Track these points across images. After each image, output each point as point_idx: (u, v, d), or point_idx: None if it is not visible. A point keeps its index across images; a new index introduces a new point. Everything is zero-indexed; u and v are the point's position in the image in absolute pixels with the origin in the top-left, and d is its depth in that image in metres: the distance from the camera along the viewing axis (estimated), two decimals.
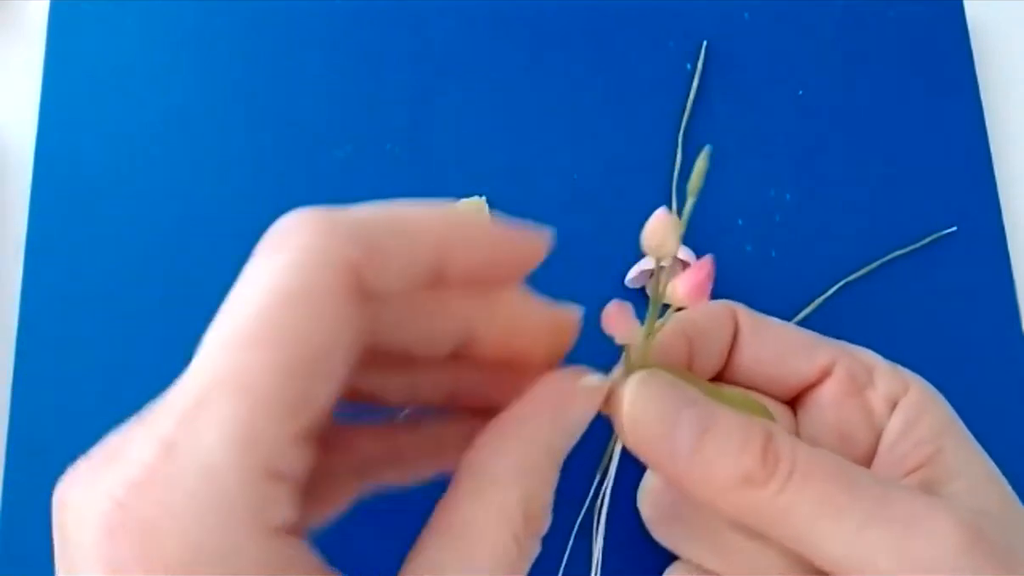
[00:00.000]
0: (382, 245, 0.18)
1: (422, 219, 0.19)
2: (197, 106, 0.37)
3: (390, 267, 0.18)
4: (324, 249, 0.17)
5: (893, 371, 0.25)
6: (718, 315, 0.25)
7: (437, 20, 0.39)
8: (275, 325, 0.16)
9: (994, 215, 0.37)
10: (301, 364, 0.16)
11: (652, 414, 0.21)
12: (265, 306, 0.16)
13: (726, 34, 0.39)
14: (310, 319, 0.16)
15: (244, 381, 0.16)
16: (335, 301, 0.16)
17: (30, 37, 0.39)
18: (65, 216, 0.35)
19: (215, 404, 0.16)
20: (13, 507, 0.32)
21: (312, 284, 0.16)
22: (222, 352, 0.17)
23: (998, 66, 0.40)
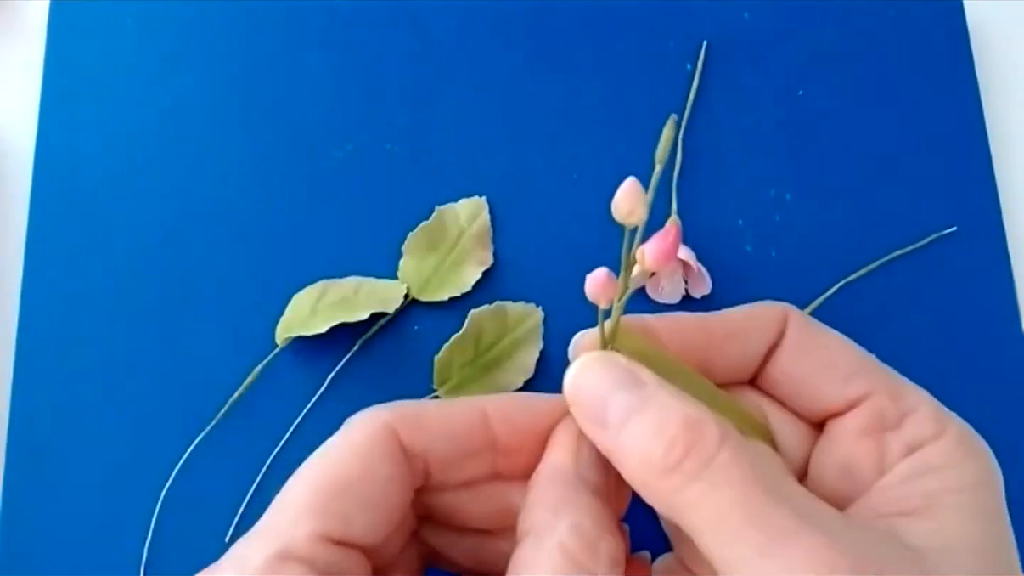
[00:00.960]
0: (420, 410, 0.22)
1: (466, 398, 0.24)
2: (197, 106, 0.37)
3: (430, 428, 0.22)
4: (364, 417, 0.22)
5: (933, 416, 0.23)
6: (762, 317, 0.24)
7: (437, 20, 0.39)
8: (313, 463, 0.22)
9: (994, 215, 0.37)
10: (329, 482, 0.21)
11: (585, 392, 0.22)
12: (312, 458, 0.22)
13: (726, 34, 0.39)
14: (342, 453, 0.21)
15: (282, 500, 0.21)
16: (363, 444, 0.21)
17: (30, 37, 0.39)
18: (65, 216, 0.35)
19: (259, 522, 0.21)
20: (13, 507, 0.32)
21: (347, 436, 0.22)
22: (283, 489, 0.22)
23: (998, 66, 0.40)
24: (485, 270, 0.35)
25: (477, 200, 0.36)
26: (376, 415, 0.22)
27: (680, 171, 0.36)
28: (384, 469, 0.21)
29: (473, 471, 0.23)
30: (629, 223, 0.22)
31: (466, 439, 0.22)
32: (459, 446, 0.22)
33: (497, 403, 0.23)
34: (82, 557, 0.31)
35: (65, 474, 0.32)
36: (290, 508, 0.20)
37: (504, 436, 0.23)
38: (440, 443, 0.22)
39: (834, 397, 0.23)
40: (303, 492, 0.21)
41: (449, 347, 0.33)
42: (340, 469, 0.21)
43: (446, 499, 0.23)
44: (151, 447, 0.32)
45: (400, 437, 0.22)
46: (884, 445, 0.23)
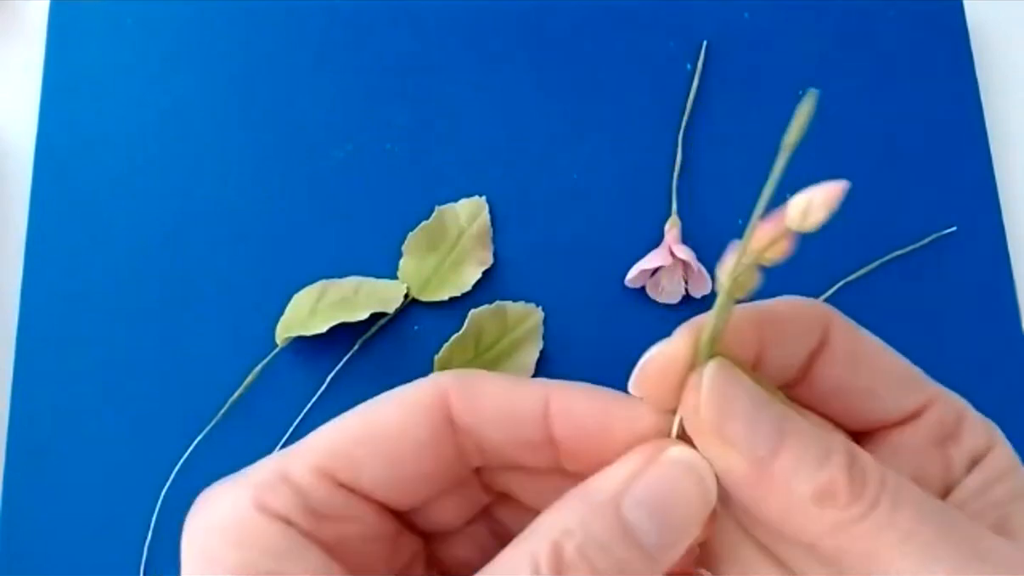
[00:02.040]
0: (478, 382, 0.21)
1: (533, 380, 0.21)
2: (197, 106, 0.37)
3: (482, 402, 0.20)
4: (425, 380, 0.21)
5: (982, 425, 0.22)
6: (804, 318, 0.22)
7: (437, 20, 0.39)
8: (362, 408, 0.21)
9: (994, 215, 0.37)
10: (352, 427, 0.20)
11: (730, 409, 0.19)
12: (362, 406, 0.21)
13: (726, 34, 0.39)
14: (380, 408, 0.20)
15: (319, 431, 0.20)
16: (408, 402, 0.20)
17: (30, 37, 0.39)
18: (65, 216, 0.35)
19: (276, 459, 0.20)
20: (13, 507, 0.32)
21: (398, 392, 0.21)
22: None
23: (998, 66, 0.40)
24: (485, 270, 0.35)
25: (477, 200, 0.36)
26: (437, 378, 0.21)
27: (680, 171, 0.36)
28: (420, 432, 0.20)
29: (532, 461, 0.21)
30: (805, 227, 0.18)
31: (522, 428, 0.20)
32: (514, 434, 0.20)
33: (564, 395, 0.20)
34: (82, 557, 0.31)
35: (65, 474, 0.32)
36: (313, 441, 0.20)
37: (564, 435, 0.20)
38: (492, 425, 0.20)
39: (895, 408, 0.22)
40: (332, 431, 0.20)
41: (449, 347, 0.33)
42: (374, 420, 0.20)
43: (514, 481, 0.22)
44: (151, 447, 0.32)
45: (451, 406, 0.20)
46: (949, 455, 0.22)
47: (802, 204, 0.18)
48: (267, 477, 0.19)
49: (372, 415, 0.20)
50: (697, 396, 0.19)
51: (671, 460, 0.19)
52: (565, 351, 0.34)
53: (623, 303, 0.35)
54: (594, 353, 0.34)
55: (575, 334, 0.34)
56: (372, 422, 0.20)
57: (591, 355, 0.34)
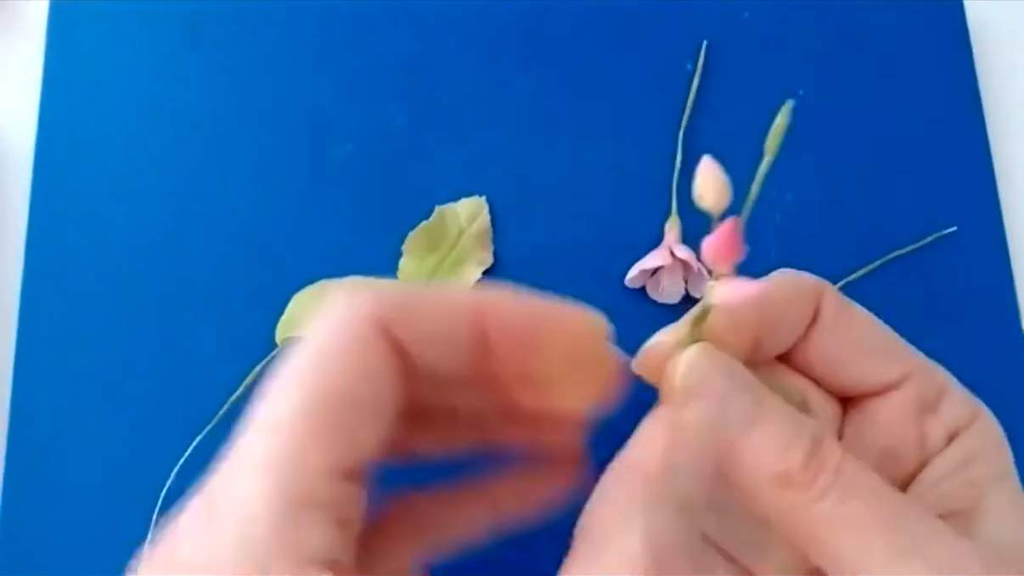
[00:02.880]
0: (411, 303, 0.19)
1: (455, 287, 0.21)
2: (197, 106, 0.37)
3: (421, 324, 0.19)
4: (349, 306, 0.18)
5: (964, 400, 0.23)
6: (800, 292, 0.23)
7: (437, 20, 0.39)
8: (304, 370, 0.17)
9: (994, 215, 0.37)
10: (328, 395, 0.17)
11: (706, 389, 0.20)
12: (297, 360, 0.18)
13: (726, 34, 0.39)
14: (334, 357, 0.17)
15: (275, 420, 0.17)
16: (360, 342, 0.18)
17: (30, 37, 0.39)
18: (65, 216, 0.35)
19: (249, 447, 0.17)
20: (13, 507, 0.32)
21: (340, 335, 0.18)
22: (259, 404, 0.18)
23: (998, 66, 0.40)
24: (485, 270, 0.35)
25: (477, 200, 0.36)
26: (360, 305, 0.18)
27: (680, 171, 0.36)
28: (384, 376, 0.18)
29: (462, 370, 0.20)
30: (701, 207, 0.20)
31: (460, 342, 0.19)
32: (452, 350, 0.19)
33: (497, 305, 0.20)
34: (82, 557, 0.31)
35: (65, 474, 0.32)
36: (289, 429, 0.17)
37: (500, 343, 0.19)
38: (433, 343, 0.19)
39: (874, 377, 0.23)
40: (300, 408, 0.17)
41: None
42: (337, 381, 0.17)
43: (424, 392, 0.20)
44: (151, 447, 0.32)
45: (392, 333, 0.18)
46: (925, 427, 0.23)
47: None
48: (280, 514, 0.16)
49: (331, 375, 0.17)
50: (673, 378, 0.20)
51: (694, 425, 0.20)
52: None
53: (623, 303, 0.35)
54: None
55: None
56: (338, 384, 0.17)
57: None
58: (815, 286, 0.24)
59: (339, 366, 0.17)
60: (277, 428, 0.17)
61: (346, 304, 0.18)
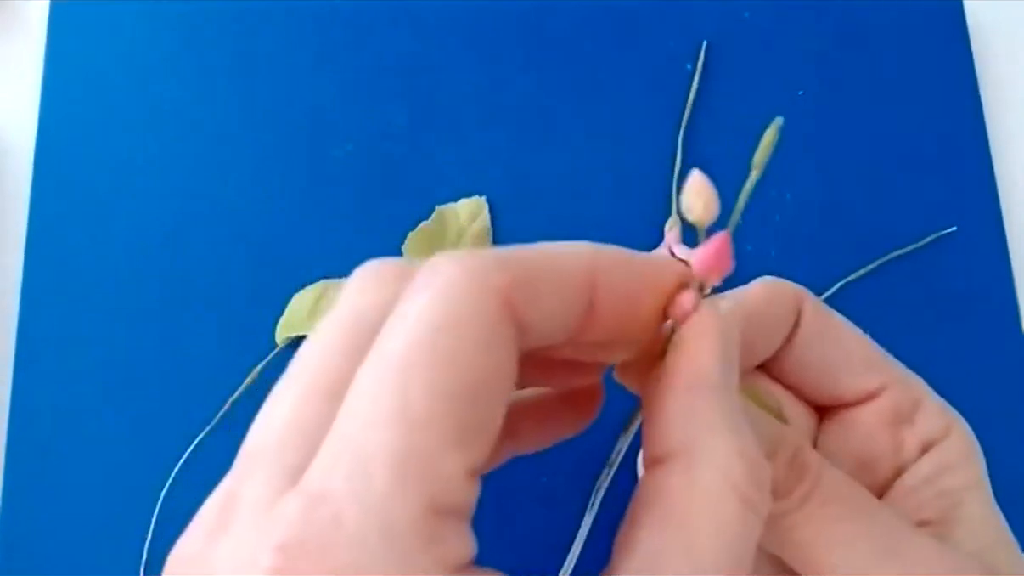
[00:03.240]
0: (530, 269, 0.17)
1: (567, 247, 0.18)
2: (197, 106, 0.37)
3: (542, 292, 0.17)
4: (472, 279, 0.16)
5: (939, 411, 0.23)
6: (782, 302, 0.23)
7: (437, 20, 0.39)
8: (430, 352, 0.15)
9: (994, 215, 0.37)
10: (464, 388, 0.15)
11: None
12: (418, 336, 0.15)
13: (726, 34, 0.39)
14: (467, 343, 0.15)
15: (404, 409, 0.14)
16: (490, 325, 0.15)
17: (30, 37, 0.39)
18: (65, 216, 0.35)
19: (370, 439, 0.14)
20: (13, 507, 0.32)
21: (464, 311, 0.15)
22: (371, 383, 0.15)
23: (998, 66, 0.40)
24: None
25: (477, 200, 0.36)
26: (486, 280, 0.16)
27: (680, 171, 0.36)
28: (511, 360, 0.16)
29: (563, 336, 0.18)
30: (689, 220, 0.20)
31: (575, 309, 0.17)
32: (567, 317, 0.17)
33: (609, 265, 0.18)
34: (82, 557, 0.31)
35: (65, 474, 0.32)
36: (425, 427, 0.14)
37: (607, 306, 0.18)
38: (551, 315, 0.17)
39: (851, 387, 0.23)
40: (435, 403, 0.14)
41: None
42: (469, 368, 0.15)
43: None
44: (151, 447, 0.32)
45: (515, 310, 0.16)
46: (901, 438, 0.23)
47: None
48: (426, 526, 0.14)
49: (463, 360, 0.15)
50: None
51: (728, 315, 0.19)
52: None
53: None
54: None
55: None
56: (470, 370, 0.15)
57: None
58: (795, 294, 0.23)
59: (471, 354, 0.15)
60: (409, 424, 0.14)
61: (466, 276, 0.16)
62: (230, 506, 0.15)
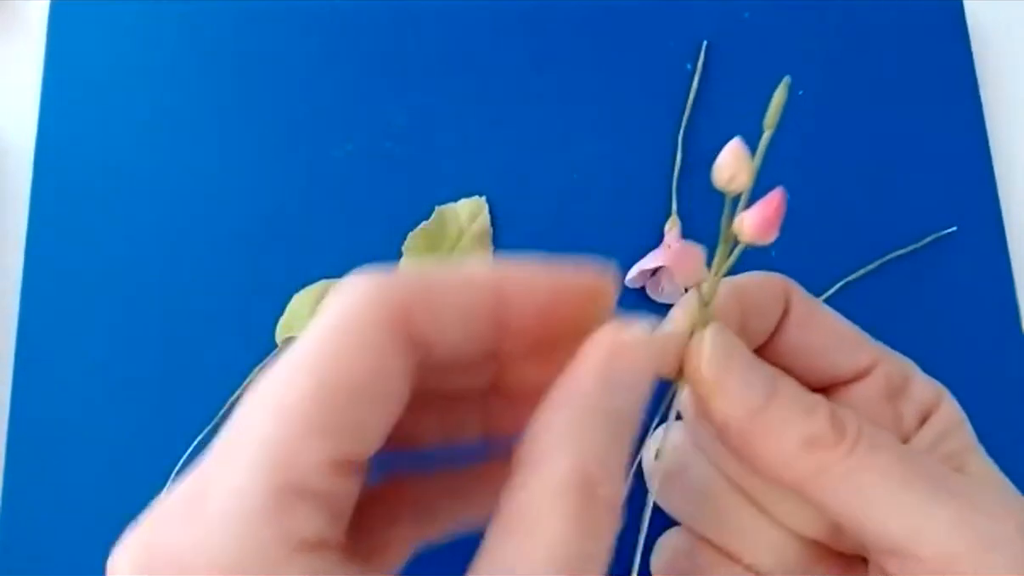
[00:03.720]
0: (431, 286, 0.18)
1: (474, 267, 0.19)
2: (197, 105, 0.37)
3: (441, 311, 0.18)
4: (370, 292, 0.17)
5: (928, 383, 0.24)
6: (771, 289, 0.24)
7: (437, 20, 0.39)
8: (316, 355, 0.17)
9: (994, 215, 0.37)
10: (338, 387, 0.16)
11: (728, 366, 0.21)
12: (309, 342, 0.17)
13: (726, 34, 0.39)
14: (350, 347, 0.17)
15: (279, 404, 0.16)
16: (378, 334, 0.17)
17: (30, 37, 0.39)
18: (65, 215, 0.35)
19: (249, 428, 0.16)
20: (13, 507, 0.32)
21: (355, 319, 0.17)
22: (266, 380, 0.17)
23: (998, 66, 0.40)
24: None
25: (477, 200, 0.36)
26: (383, 290, 0.17)
27: (680, 171, 0.36)
28: (396, 364, 0.17)
29: (473, 352, 0.19)
30: (731, 189, 0.20)
31: (480, 323, 0.19)
32: (471, 331, 0.19)
33: (515, 279, 0.19)
34: (82, 557, 0.31)
35: (65, 474, 0.32)
36: (293, 420, 0.16)
37: (518, 319, 0.19)
38: (452, 328, 0.18)
39: (846, 364, 0.24)
40: (307, 398, 0.16)
41: None
42: (348, 368, 0.17)
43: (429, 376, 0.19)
44: (151, 447, 0.32)
45: (409, 320, 0.17)
46: (899, 409, 0.24)
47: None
48: (274, 497, 0.16)
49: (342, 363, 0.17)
50: (700, 356, 0.21)
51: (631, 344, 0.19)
52: None
53: (623, 303, 0.34)
54: None
55: None
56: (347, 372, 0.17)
57: None
58: (783, 282, 0.25)
59: (352, 356, 0.17)
60: (280, 414, 0.16)
61: (363, 289, 0.18)
62: None
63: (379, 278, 0.18)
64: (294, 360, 0.17)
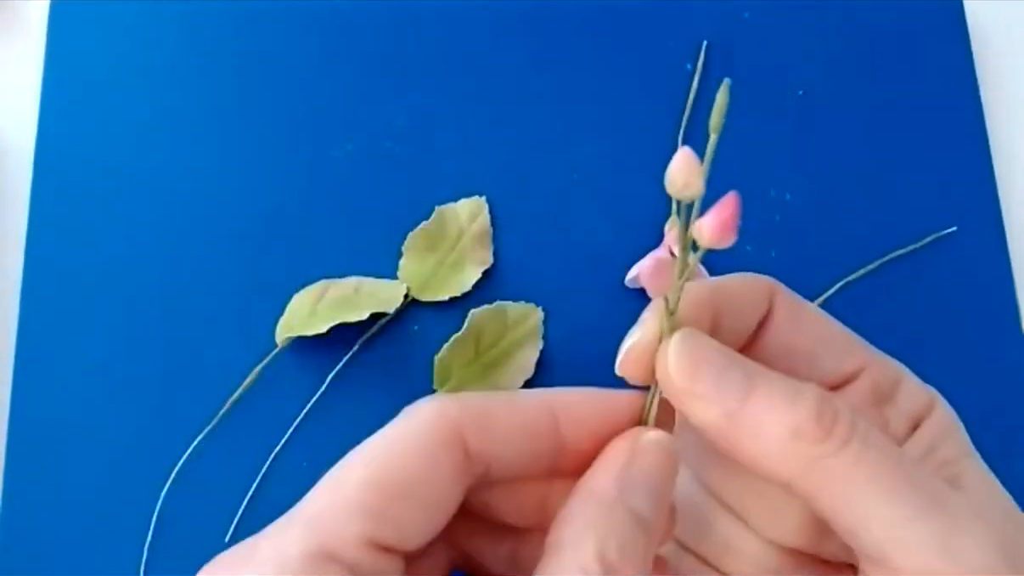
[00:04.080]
0: (488, 408, 0.21)
1: (530, 392, 0.22)
2: (196, 105, 0.37)
3: (495, 425, 0.20)
4: (432, 409, 0.20)
5: (920, 388, 0.23)
6: (753, 289, 0.24)
7: (437, 20, 0.39)
8: (375, 449, 0.20)
9: (994, 215, 0.37)
10: (386, 480, 0.19)
11: (697, 370, 0.20)
12: (374, 440, 0.20)
13: (726, 34, 0.39)
14: (404, 450, 0.20)
15: (337, 485, 0.19)
16: (432, 444, 0.20)
17: (30, 37, 0.39)
18: (65, 215, 0.35)
19: (306, 502, 0.19)
20: (13, 507, 0.32)
21: (414, 429, 0.20)
22: (332, 469, 0.20)
23: (998, 66, 0.40)
24: (485, 270, 0.35)
25: (477, 200, 0.36)
26: (444, 409, 0.20)
27: None
28: (445, 473, 0.20)
29: (533, 471, 0.21)
30: (684, 197, 0.20)
31: (535, 443, 0.21)
32: (526, 450, 0.21)
33: (568, 403, 0.21)
34: (82, 557, 0.31)
35: (65, 474, 0.32)
36: (341, 501, 0.19)
37: (573, 440, 0.21)
38: (507, 447, 0.21)
39: (831, 371, 0.23)
40: (358, 486, 0.19)
41: (449, 347, 0.33)
42: (400, 467, 0.19)
43: (491, 494, 0.22)
44: (151, 447, 0.32)
45: (466, 437, 0.20)
46: (886, 416, 0.23)
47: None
48: (308, 560, 0.18)
49: (395, 461, 0.19)
50: (666, 364, 0.21)
51: (650, 444, 0.21)
52: (565, 351, 0.34)
53: (623, 303, 0.35)
54: (594, 353, 0.34)
55: (575, 334, 0.34)
56: (400, 471, 0.19)
57: (591, 355, 0.34)
58: (767, 282, 0.24)
59: (406, 458, 0.19)
60: (332, 491, 0.19)
61: (426, 407, 0.20)
62: None
63: (441, 399, 0.21)
64: (358, 452, 0.20)
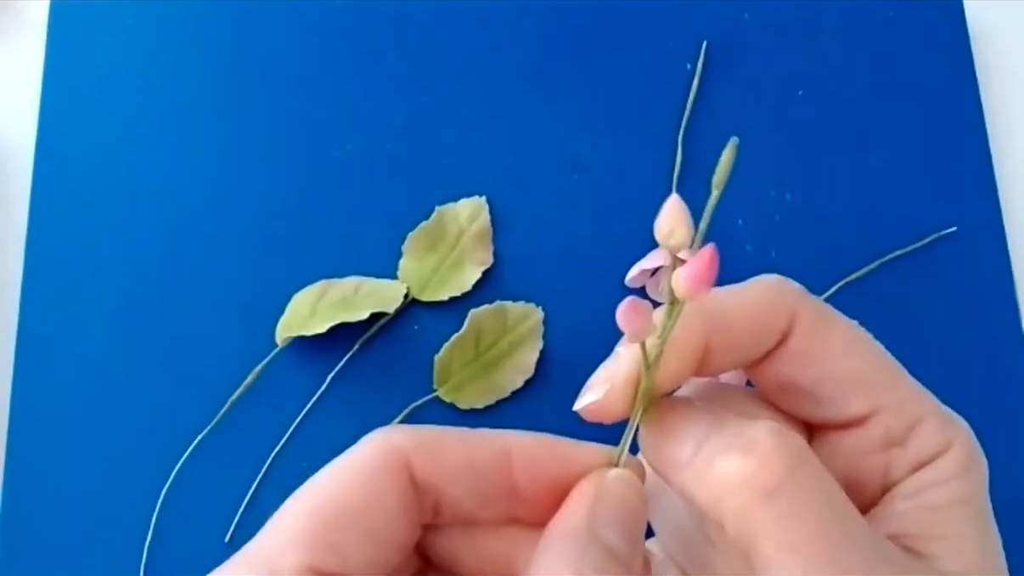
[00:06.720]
0: (440, 440, 0.21)
1: (487, 432, 0.21)
2: (196, 105, 0.37)
3: (446, 461, 0.20)
4: (377, 439, 0.20)
5: (939, 428, 0.22)
6: (765, 309, 0.22)
7: (437, 20, 0.39)
8: (318, 482, 0.20)
9: (994, 215, 0.37)
10: (324, 509, 0.19)
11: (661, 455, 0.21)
12: (320, 473, 0.20)
13: (726, 34, 0.39)
14: (345, 480, 0.20)
15: (278, 519, 0.20)
16: (375, 474, 0.20)
17: (30, 37, 0.39)
18: (65, 216, 0.35)
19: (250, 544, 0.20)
20: (13, 507, 0.32)
21: (358, 459, 0.20)
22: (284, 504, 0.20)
23: (998, 66, 0.40)
24: (485, 270, 0.35)
25: (477, 200, 0.36)
26: (390, 437, 0.20)
27: (680, 171, 0.36)
28: (389, 500, 0.20)
29: (487, 514, 0.21)
30: (671, 245, 0.19)
31: (485, 481, 0.20)
32: (476, 487, 0.20)
33: (524, 445, 0.21)
34: (82, 557, 0.31)
35: (65, 474, 0.32)
36: (281, 533, 0.19)
37: (527, 484, 0.21)
38: (456, 481, 0.20)
39: (837, 412, 0.22)
40: (298, 516, 0.19)
41: (449, 347, 0.33)
42: (340, 495, 0.19)
43: (452, 540, 0.22)
44: (151, 447, 0.32)
45: (412, 467, 0.20)
46: (890, 460, 0.22)
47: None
48: None
49: (335, 490, 0.20)
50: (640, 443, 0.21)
51: (615, 479, 0.20)
52: (565, 351, 0.34)
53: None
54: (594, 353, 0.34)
55: (575, 334, 0.34)
56: (339, 499, 0.19)
57: (591, 355, 0.34)
58: (788, 301, 0.22)
59: (345, 484, 0.20)
60: (274, 525, 0.19)
61: (372, 437, 0.20)
62: None
63: (393, 428, 0.21)
64: (306, 483, 0.20)
